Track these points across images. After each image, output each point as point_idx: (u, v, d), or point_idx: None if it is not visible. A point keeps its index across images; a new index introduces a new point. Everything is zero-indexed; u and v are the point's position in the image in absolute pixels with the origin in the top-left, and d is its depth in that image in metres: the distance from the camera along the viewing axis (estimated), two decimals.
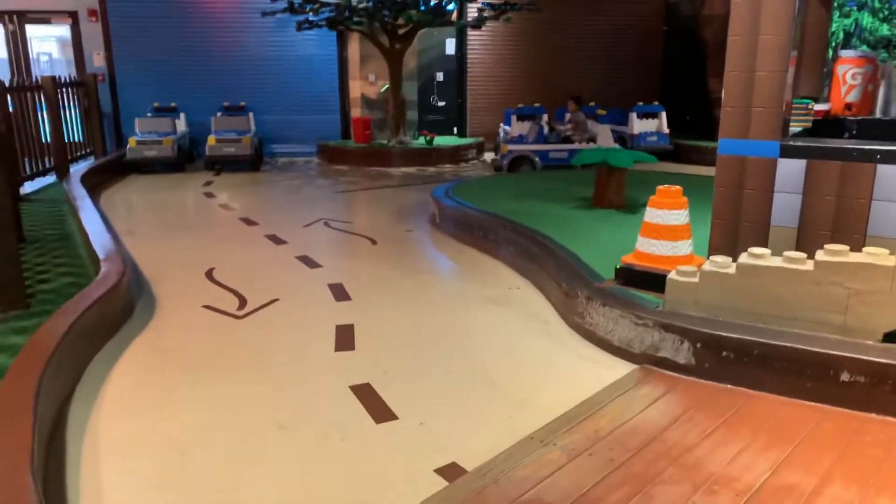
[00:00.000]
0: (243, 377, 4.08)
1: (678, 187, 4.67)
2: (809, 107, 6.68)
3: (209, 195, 10.14)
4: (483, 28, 14.02)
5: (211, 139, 12.16)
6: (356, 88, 14.57)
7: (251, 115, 13.19)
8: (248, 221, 8.29)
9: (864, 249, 3.71)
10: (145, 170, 12.03)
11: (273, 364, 4.27)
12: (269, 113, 14.14)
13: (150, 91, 13.61)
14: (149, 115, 12.86)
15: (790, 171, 4.50)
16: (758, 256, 3.92)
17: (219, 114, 13.05)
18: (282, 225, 7.98)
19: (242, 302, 5.37)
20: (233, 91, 13.93)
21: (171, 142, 11.93)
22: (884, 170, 4.22)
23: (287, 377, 4.08)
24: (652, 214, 4.62)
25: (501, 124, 13.72)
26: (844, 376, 3.54)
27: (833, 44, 11.94)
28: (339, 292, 5.59)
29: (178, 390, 3.91)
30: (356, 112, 14.52)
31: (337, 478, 3.06)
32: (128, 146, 11.84)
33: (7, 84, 8.70)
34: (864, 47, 11.54)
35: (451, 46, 15.17)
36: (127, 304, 5.10)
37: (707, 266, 4.08)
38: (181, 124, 13.06)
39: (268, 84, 14.38)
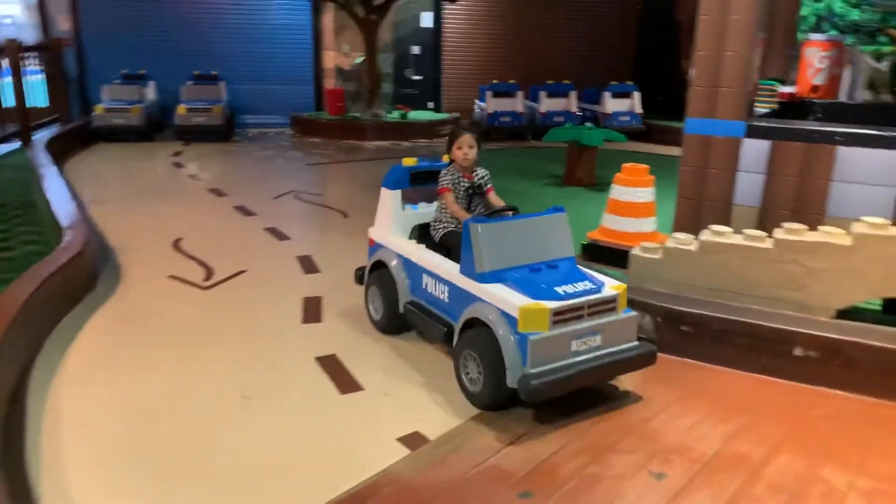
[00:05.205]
0: (208, 348, 4.07)
1: (644, 166, 4.73)
2: (776, 88, 6.80)
3: (178, 165, 9.99)
4: (459, 1, 13.91)
5: (181, 108, 11.92)
6: (330, 59, 14.38)
7: (223, 84, 12.94)
8: (218, 192, 8.20)
9: (820, 228, 3.81)
10: (112, 138, 11.77)
11: (238, 335, 4.26)
12: (242, 82, 13.89)
13: (118, 57, 13.25)
14: (116, 81, 12.54)
15: (754, 151, 4.58)
16: (718, 234, 4.00)
17: (189, 82, 12.78)
18: (251, 196, 7.91)
19: (209, 273, 5.33)
20: (204, 59, 13.63)
21: (140, 110, 11.68)
22: (843, 152, 4.32)
23: (252, 348, 4.08)
24: (618, 192, 4.68)
25: (476, 101, 13.68)
26: (798, 351, 3.65)
27: (805, 28, 12.07)
28: (308, 265, 5.58)
29: (142, 359, 3.89)
30: (330, 83, 14.35)
31: (300, 446, 3.09)
32: (94, 113, 11.58)
33: None
34: (834, 31, 11.70)
35: (427, 19, 15.02)
36: (91, 273, 5.04)
37: (670, 243, 4.15)
38: (150, 92, 12.77)
39: (240, 53, 14.12)
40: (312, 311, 4.62)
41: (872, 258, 3.64)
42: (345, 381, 3.67)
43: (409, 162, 4.28)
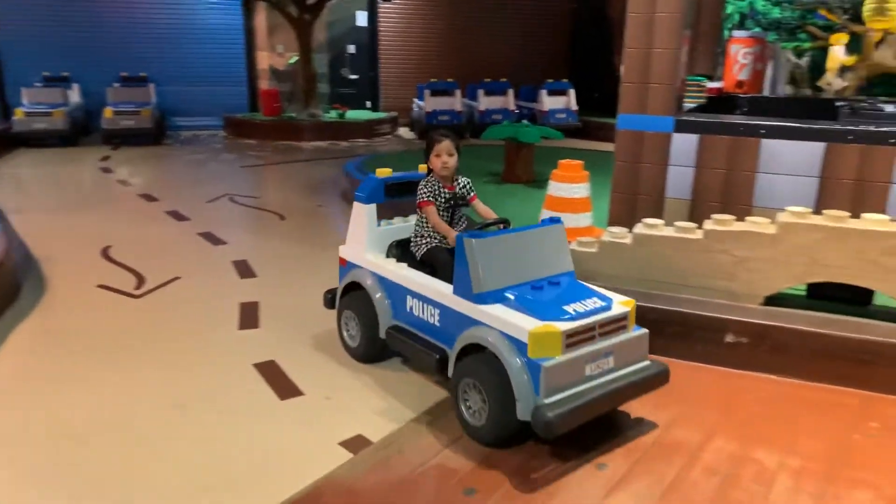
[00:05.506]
0: (140, 359, 3.92)
1: (579, 161, 4.79)
2: (703, 84, 7.03)
3: (106, 170, 9.63)
4: (395, 0, 13.86)
5: (107, 111, 11.53)
6: (264, 59, 14.14)
7: (152, 86, 12.56)
8: (148, 197, 7.93)
9: (747, 219, 3.93)
10: (35, 143, 11.29)
11: (172, 344, 4.13)
12: (172, 84, 13.52)
13: (38, 59, 12.72)
14: (37, 84, 12.05)
15: (684, 145, 4.70)
16: (651, 227, 4.08)
17: (116, 84, 12.36)
18: (184, 201, 7.68)
19: (140, 280, 5.15)
20: (131, 60, 13.21)
21: (63, 114, 11.23)
22: (767, 144, 4.48)
23: (187, 357, 3.95)
24: (554, 188, 4.73)
25: (415, 99, 13.66)
26: (730, 338, 3.76)
27: (730, 26, 12.49)
28: (244, 269, 5.45)
29: (69, 374, 3.72)
30: (264, 84, 14.10)
31: (239, 455, 3.00)
32: (14, 118, 11.06)
33: None
34: (758, 29, 12.14)
35: (361, 18, 14.92)
36: (12, 285, 4.79)
37: (605, 237, 4.22)
38: (74, 95, 12.30)
39: (170, 54, 13.74)
40: (249, 316, 4.51)
41: (796, 246, 3.78)
42: (284, 387, 3.59)
43: (383, 173, 3.88)
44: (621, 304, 3.15)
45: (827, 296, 3.96)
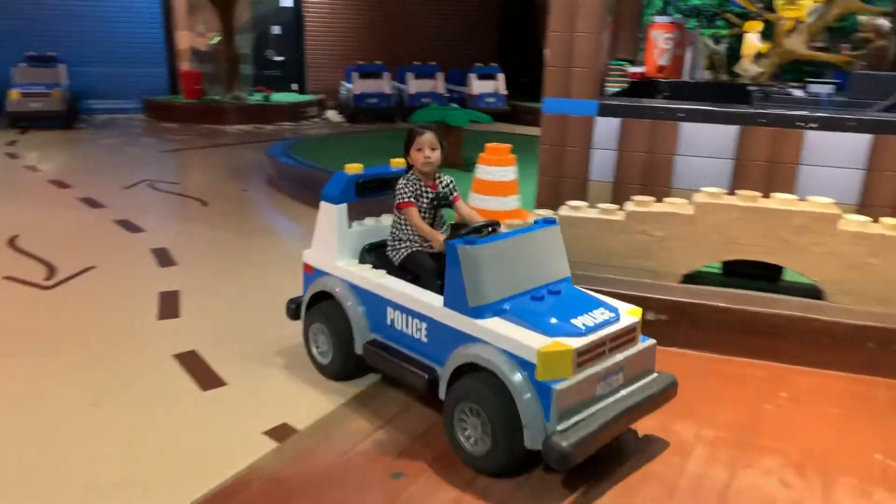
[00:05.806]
0: (51, 353, 3.73)
1: (507, 145, 4.82)
2: (626, 68, 7.18)
3: (12, 156, 9.09)
4: None
5: (13, 93, 10.87)
6: (184, 39, 13.59)
7: (62, 66, 11.89)
8: (60, 184, 7.54)
9: (666, 200, 4.05)
10: None
11: (86, 337, 3.94)
12: (85, 65, 12.84)
13: None
14: None
15: (607, 128, 4.79)
16: (575, 209, 4.15)
17: (22, 64, 11.65)
18: (99, 187, 7.34)
19: (51, 271, 4.89)
20: (39, 39, 12.46)
21: None
22: (686, 127, 4.61)
23: (102, 350, 3.78)
24: (482, 171, 4.75)
25: (343, 82, 13.45)
26: (650, 315, 3.87)
27: (651, 12, 12.80)
28: (164, 257, 5.25)
29: None
30: (185, 65, 13.57)
31: (159, 449, 2.89)
32: None
33: None
34: (678, 15, 12.52)
35: None
36: None
37: (531, 219, 4.26)
38: None
39: (82, 33, 13.03)
40: (169, 306, 4.36)
41: (712, 225, 3.92)
42: (206, 378, 3.48)
43: (353, 169, 3.49)
44: (629, 314, 2.89)
45: (740, 273, 4.12)
